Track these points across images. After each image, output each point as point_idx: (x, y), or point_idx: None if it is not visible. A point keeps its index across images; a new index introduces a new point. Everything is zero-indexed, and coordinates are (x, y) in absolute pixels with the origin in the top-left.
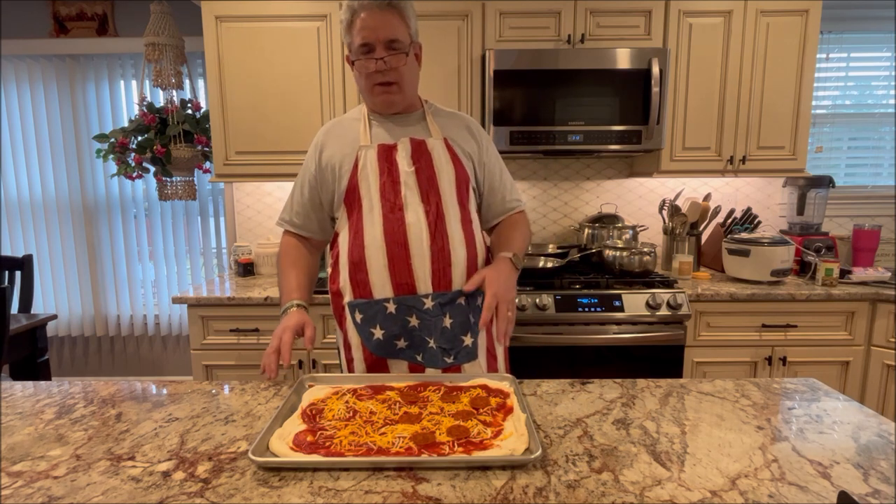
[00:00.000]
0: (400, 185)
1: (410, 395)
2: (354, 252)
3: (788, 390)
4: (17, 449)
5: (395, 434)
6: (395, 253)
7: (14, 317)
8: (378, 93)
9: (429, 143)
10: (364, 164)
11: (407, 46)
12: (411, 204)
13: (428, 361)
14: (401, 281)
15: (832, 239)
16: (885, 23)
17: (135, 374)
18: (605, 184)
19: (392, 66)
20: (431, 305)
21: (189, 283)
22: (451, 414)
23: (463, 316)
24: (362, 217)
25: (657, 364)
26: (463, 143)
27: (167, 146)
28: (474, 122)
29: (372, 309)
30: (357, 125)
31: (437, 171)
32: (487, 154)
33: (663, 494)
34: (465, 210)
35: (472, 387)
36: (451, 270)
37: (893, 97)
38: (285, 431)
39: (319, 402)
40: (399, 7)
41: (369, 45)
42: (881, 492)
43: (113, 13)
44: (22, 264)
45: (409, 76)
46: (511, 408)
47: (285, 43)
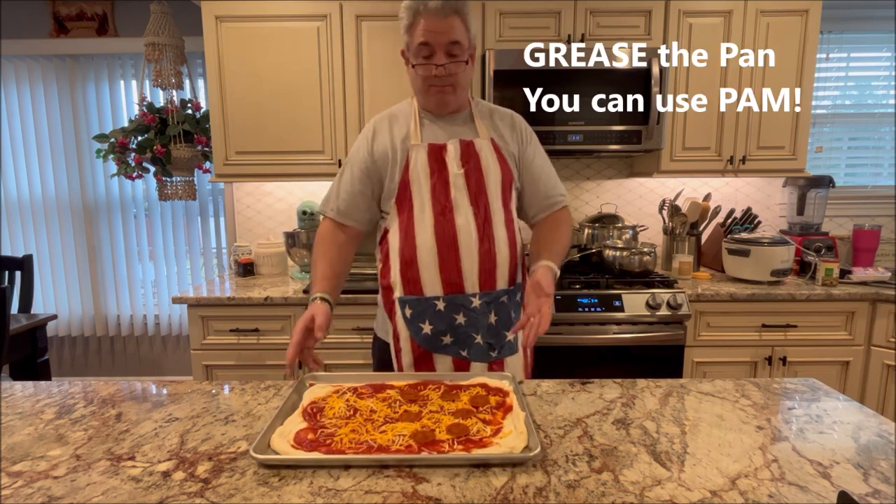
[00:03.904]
0: (450, 186)
1: (410, 394)
2: (406, 251)
3: (788, 390)
4: (17, 449)
5: (395, 432)
6: (446, 254)
7: (14, 317)
8: (433, 92)
9: (477, 144)
10: (415, 163)
11: (466, 53)
12: (461, 206)
13: (474, 356)
14: (450, 280)
15: (832, 239)
16: (885, 23)
17: (135, 374)
18: (605, 184)
19: (452, 72)
20: (479, 304)
21: (189, 283)
22: (451, 412)
23: (505, 313)
24: (413, 217)
25: (657, 364)
26: (509, 141)
27: (167, 146)
28: (518, 117)
29: (422, 306)
30: (408, 121)
31: (485, 173)
32: (531, 147)
33: (663, 494)
34: (508, 211)
35: (472, 385)
36: (496, 271)
37: (893, 97)
38: (286, 429)
39: (320, 401)
40: (462, 13)
41: (430, 48)
42: (881, 492)
43: (113, 13)
44: (22, 264)
45: (464, 79)
46: (510, 406)
47: (285, 43)
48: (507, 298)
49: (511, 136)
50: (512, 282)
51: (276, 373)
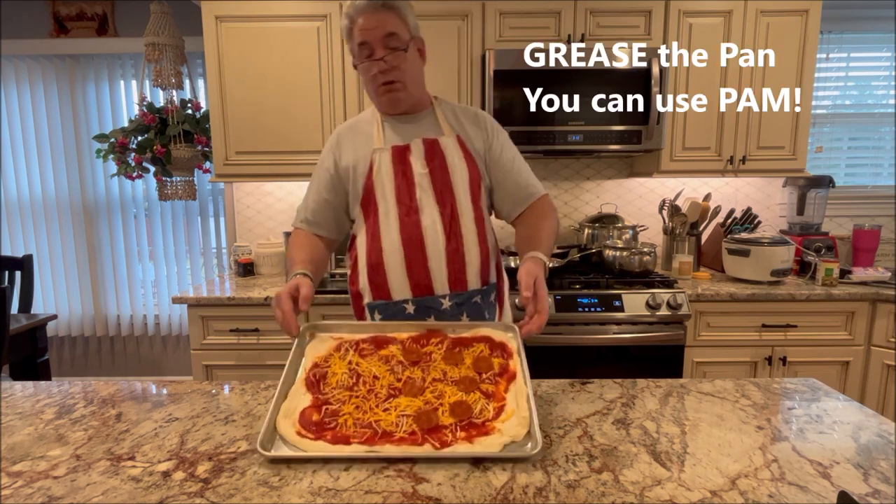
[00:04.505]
0: (415, 187)
1: (413, 352)
2: (372, 255)
3: (788, 390)
4: (17, 449)
5: (398, 411)
6: (413, 256)
7: (14, 317)
8: (382, 93)
9: (441, 142)
10: (379, 166)
11: (406, 43)
12: (426, 206)
13: None
14: (418, 282)
15: (832, 239)
16: (885, 23)
17: (135, 374)
18: (605, 184)
19: (393, 65)
20: (449, 305)
21: (189, 283)
22: (454, 381)
23: (478, 313)
24: (379, 220)
25: (657, 364)
26: (474, 138)
27: (167, 146)
28: (483, 113)
29: (391, 310)
30: (371, 127)
31: (451, 171)
32: (498, 141)
33: (663, 494)
34: (478, 208)
35: (475, 341)
36: (466, 270)
37: (893, 97)
38: (291, 406)
39: (322, 362)
40: (394, 6)
41: (368, 46)
42: (881, 492)
43: (113, 13)
44: (22, 264)
45: (412, 73)
46: (514, 373)
47: (285, 43)
48: (481, 298)
49: (476, 132)
50: (485, 281)
51: (277, 373)
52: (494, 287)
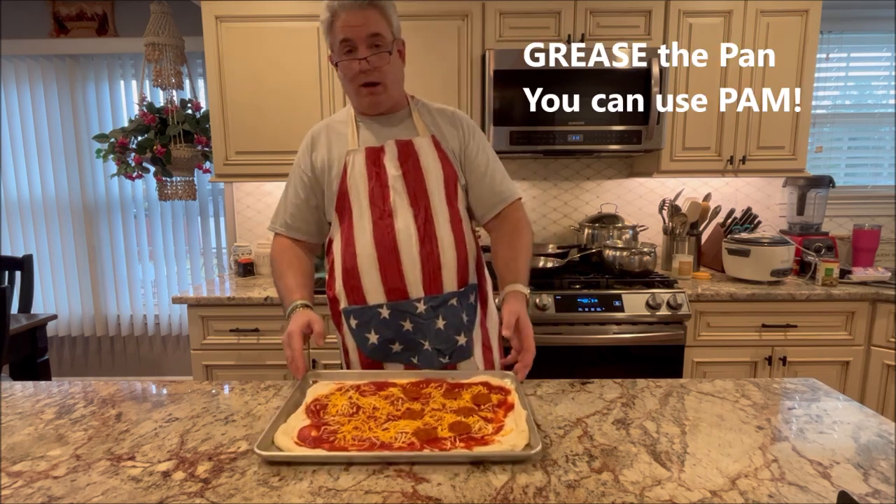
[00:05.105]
0: (388, 189)
1: (413, 392)
2: (347, 260)
3: (788, 390)
4: (17, 449)
5: (397, 429)
6: (386, 260)
7: (14, 317)
8: (364, 94)
9: (415, 143)
10: (353, 169)
11: (389, 44)
12: (400, 209)
13: (423, 363)
14: (392, 287)
15: (832, 239)
16: (885, 23)
17: (135, 374)
18: (605, 184)
19: (376, 65)
20: (424, 309)
21: (189, 283)
22: (453, 410)
23: (456, 316)
24: (353, 224)
25: (657, 364)
26: (449, 138)
27: (167, 146)
28: (460, 113)
29: (366, 315)
30: (345, 128)
31: (425, 172)
32: (475, 142)
33: (663, 494)
34: (454, 209)
35: (474, 384)
36: (442, 273)
37: (893, 97)
38: (290, 426)
39: (323, 398)
40: (379, 5)
41: (350, 43)
42: (881, 492)
43: (113, 13)
44: (22, 264)
45: (393, 75)
46: (512, 405)
47: (285, 43)
48: (458, 301)
49: (452, 132)
50: (462, 283)
51: (277, 373)
52: (474, 288)
